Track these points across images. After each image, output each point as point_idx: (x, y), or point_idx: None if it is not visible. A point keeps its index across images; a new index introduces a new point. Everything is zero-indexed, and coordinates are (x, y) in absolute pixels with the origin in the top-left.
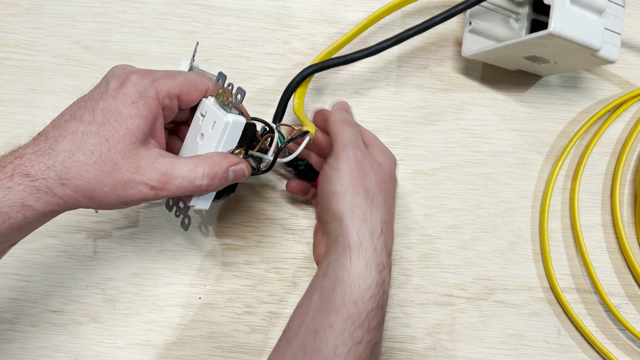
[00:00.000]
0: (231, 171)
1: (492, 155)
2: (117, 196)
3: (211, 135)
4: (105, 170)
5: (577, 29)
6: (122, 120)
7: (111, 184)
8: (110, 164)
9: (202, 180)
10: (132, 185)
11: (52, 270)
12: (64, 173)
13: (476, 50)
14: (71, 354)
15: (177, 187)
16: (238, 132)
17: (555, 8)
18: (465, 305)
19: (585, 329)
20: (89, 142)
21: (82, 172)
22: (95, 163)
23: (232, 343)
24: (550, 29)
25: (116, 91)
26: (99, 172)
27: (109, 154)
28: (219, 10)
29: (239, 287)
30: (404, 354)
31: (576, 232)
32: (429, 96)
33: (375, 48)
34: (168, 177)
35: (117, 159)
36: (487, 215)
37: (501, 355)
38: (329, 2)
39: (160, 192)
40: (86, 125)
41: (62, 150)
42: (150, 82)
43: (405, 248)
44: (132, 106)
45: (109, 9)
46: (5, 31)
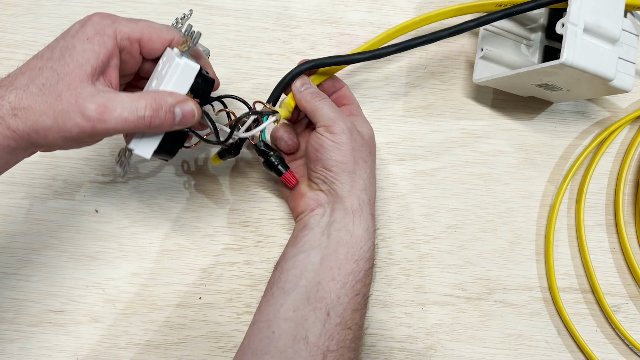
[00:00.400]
0: (178, 108)
1: (492, 155)
2: (58, 129)
3: (163, 78)
4: (50, 101)
5: (590, 59)
6: (75, 55)
7: (52, 115)
8: (55, 95)
9: (145, 112)
10: (70, 115)
11: (52, 270)
12: (16, 103)
13: (488, 77)
14: (71, 354)
15: (117, 118)
16: (190, 78)
17: (568, 38)
18: (465, 305)
19: (577, 332)
20: (43, 76)
21: (31, 102)
22: (43, 94)
23: (232, 343)
24: (563, 59)
25: (76, 31)
26: (44, 103)
27: (56, 86)
28: (219, 10)
29: (239, 287)
30: (404, 354)
31: (580, 232)
32: (429, 96)
33: (375, 53)
34: (106, 107)
35: (62, 90)
36: (487, 215)
37: (501, 355)
38: (329, 2)
39: (97, 124)
40: (44, 61)
41: (20, 84)
42: (110, 23)
43: (405, 248)
44: (86, 42)
45: (109, 9)
46: (5, 31)
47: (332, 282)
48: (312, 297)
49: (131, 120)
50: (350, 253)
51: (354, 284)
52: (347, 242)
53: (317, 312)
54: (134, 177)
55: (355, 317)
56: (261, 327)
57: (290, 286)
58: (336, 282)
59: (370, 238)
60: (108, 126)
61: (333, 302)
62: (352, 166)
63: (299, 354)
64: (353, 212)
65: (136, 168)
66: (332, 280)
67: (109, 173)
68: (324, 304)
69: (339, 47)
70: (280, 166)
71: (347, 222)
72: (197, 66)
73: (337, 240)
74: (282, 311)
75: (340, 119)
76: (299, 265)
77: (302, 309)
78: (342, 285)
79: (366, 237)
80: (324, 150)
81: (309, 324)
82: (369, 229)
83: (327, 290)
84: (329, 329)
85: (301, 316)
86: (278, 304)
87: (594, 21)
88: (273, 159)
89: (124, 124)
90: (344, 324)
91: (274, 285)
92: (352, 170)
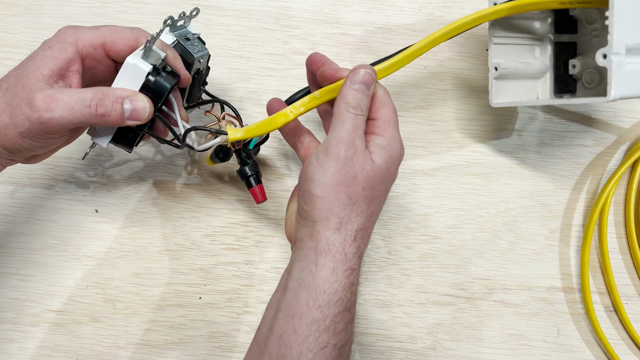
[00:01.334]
0: (128, 102)
1: (492, 155)
2: (13, 125)
3: (117, 77)
4: (7, 100)
5: (636, 84)
6: (35, 60)
7: (9, 112)
8: (12, 94)
9: (91, 101)
10: (21, 108)
11: (52, 270)
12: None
13: (507, 103)
14: (71, 354)
15: (63, 107)
16: (140, 77)
17: (614, 72)
18: (465, 305)
19: (606, 340)
20: (7, 81)
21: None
22: (5, 96)
23: (232, 343)
24: (611, 97)
25: (42, 43)
26: (3, 103)
27: (15, 88)
28: (219, 10)
29: (239, 287)
30: (404, 354)
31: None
32: (429, 96)
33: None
34: (53, 97)
35: (18, 90)
36: (487, 215)
37: (501, 355)
38: (329, 2)
39: (44, 114)
40: (12, 70)
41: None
42: (73, 32)
43: (405, 248)
44: (47, 49)
45: (109, 9)
46: (6, 31)
47: (293, 336)
48: (274, 353)
49: (77, 109)
50: (312, 298)
51: (317, 336)
52: (308, 285)
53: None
54: (134, 177)
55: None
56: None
57: (261, 339)
58: (297, 336)
59: (338, 279)
60: (54, 115)
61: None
62: (330, 204)
63: None
64: (317, 251)
65: (136, 168)
66: (293, 332)
67: (109, 173)
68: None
69: (339, 47)
70: (252, 178)
71: (309, 262)
72: (147, 67)
73: (299, 282)
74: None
75: (344, 145)
76: (270, 313)
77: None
78: (304, 338)
79: (332, 278)
80: (307, 175)
81: None
82: (337, 270)
83: (289, 345)
84: None
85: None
86: (251, 357)
87: (633, 40)
88: (248, 169)
89: (71, 113)
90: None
91: (254, 338)
92: (329, 209)
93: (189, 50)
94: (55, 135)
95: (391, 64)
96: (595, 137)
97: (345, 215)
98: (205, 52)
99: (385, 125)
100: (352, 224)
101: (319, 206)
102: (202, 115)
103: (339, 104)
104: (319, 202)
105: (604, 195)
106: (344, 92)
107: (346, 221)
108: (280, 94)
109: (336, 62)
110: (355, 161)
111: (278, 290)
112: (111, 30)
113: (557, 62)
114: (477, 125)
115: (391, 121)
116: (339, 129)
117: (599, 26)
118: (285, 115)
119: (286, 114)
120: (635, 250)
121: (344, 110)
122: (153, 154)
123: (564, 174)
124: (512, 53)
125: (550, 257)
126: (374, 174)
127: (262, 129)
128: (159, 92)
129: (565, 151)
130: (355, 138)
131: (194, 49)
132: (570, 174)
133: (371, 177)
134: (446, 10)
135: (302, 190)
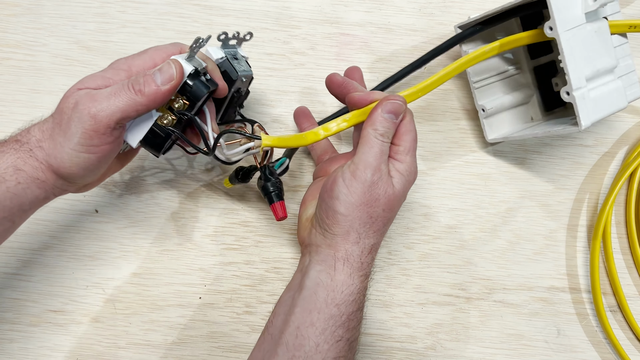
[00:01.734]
0: (157, 71)
1: (492, 155)
2: (66, 139)
3: None
4: (57, 121)
5: (603, 106)
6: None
7: (62, 130)
8: (61, 116)
9: (127, 83)
10: (71, 119)
11: (52, 270)
12: (39, 136)
13: (502, 137)
14: (71, 354)
15: (107, 96)
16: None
17: (579, 105)
18: (465, 305)
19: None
20: (63, 118)
21: (47, 135)
22: (54, 119)
23: (232, 343)
24: (582, 127)
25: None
26: (55, 126)
27: (68, 112)
28: (219, 10)
29: (239, 287)
30: (404, 354)
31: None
32: (429, 96)
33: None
34: (95, 93)
35: (72, 118)
36: (487, 215)
37: (501, 355)
38: (329, 2)
39: (91, 107)
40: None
41: (47, 128)
42: (125, 61)
43: (405, 248)
44: (100, 78)
45: (109, 9)
46: (6, 31)
47: (311, 328)
48: (290, 343)
49: (118, 93)
50: (330, 297)
51: (334, 330)
52: (327, 285)
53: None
54: (134, 177)
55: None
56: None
57: (276, 332)
58: (315, 328)
59: (354, 283)
60: (101, 105)
61: (311, 350)
62: (351, 221)
63: None
64: (336, 259)
65: (136, 168)
66: (311, 325)
67: None
68: (302, 352)
69: (339, 47)
70: (273, 194)
71: (328, 266)
72: (189, 68)
73: (317, 282)
74: (267, 357)
75: (371, 170)
76: (284, 308)
77: (281, 356)
78: (321, 331)
79: (349, 282)
80: (332, 192)
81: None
82: (353, 275)
83: (306, 336)
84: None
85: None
86: (264, 349)
87: (591, 70)
88: (270, 185)
89: (115, 98)
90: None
91: (266, 330)
92: (350, 225)
93: (234, 67)
94: (106, 137)
95: (419, 89)
96: (596, 137)
97: (364, 232)
98: (250, 72)
99: (406, 152)
100: (368, 239)
101: (341, 223)
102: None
103: (368, 129)
104: (342, 219)
105: (611, 198)
106: (373, 118)
107: (364, 237)
108: (280, 94)
109: (336, 62)
110: (379, 185)
111: (291, 288)
112: (157, 50)
113: (540, 85)
114: (477, 125)
115: (412, 149)
116: (367, 153)
117: None
118: (317, 134)
119: (317, 133)
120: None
121: (372, 137)
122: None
123: (564, 174)
124: (497, 90)
125: (550, 257)
126: (394, 197)
127: (293, 142)
128: (196, 95)
129: (565, 151)
130: (381, 163)
131: (239, 67)
132: (570, 174)
133: (391, 201)
134: (446, 10)
135: (325, 205)
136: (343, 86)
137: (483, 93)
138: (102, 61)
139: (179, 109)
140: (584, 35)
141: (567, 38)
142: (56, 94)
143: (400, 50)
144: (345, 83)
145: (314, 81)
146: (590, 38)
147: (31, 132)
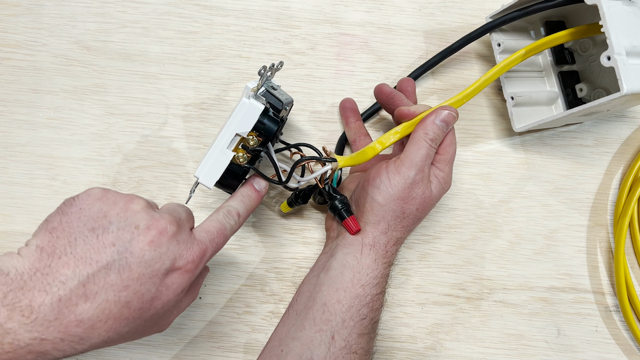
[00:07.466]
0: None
1: (492, 155)
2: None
3: (231, 117)
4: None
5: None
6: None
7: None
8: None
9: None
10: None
11: None
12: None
13: (530, 125)
14: None
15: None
16: (254, 117)
17: (620, 68)
18: (465, 305)
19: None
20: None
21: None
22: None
23: (232, 343)
24: (624, 91)
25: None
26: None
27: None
28: (219, 11)
29: (239, 287)
30: (404, 354)
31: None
32: (429, 96)
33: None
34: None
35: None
36: (487, 215)
37: (501, 355)
38: (329, 2)
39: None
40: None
41: None
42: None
43: (405, 248)
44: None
45: (109, 9)
46: (6, 31)
47: (337, 305)
48: (317, 318)
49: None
50: (356, 278)
51: (359, 308)
52: (353, 267)
53: (322, 334)
54: (134, 177)
55: (361, 341)
56: (273, 345)
57: (301, 308)
58: (342, 305)
59: (378, 267)
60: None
61: (338, 325)
62: (385, 212)
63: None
64: (364, 244)
65: (136, 168)
66: (337, 302)
67: (109, 173)
68: (329, 327)
69: (339, 47)
70: (343, 211)
71: (355, 250)
72: (261, 107)
73: (344, 263)
74: (292, 331)
75: (415, 169)
76: (309, 287)
77: (308, 330)
78: (347, 308)
79: (373, 266)
80: (375, 182)
81: (314, 346)
82: (378, 261)
83: (333, 312)
84: (334, 352)
85: (307, 337)
86: (290, 324)
87: (629, 43)
88: (338, 203)
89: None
90: (348, 348)
91: (290, 308)
92: (383, 215)
93: (278, 98)
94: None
95: (464, 95)
96: (596, 137)
97: (394, 224)
98: (291, 99)
99: (447, 162)
100: (396, 232)
101: (376, 211)
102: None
103: (419, 132)
104: (377, 208)
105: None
106: (427, 123)
107: (392, 229)
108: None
109: (336, 62)
110: (419, 185)
111: (316, 269)
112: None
113: (565, 89)
114: (477, 125)
115: (451, 160)
116: (415, 153)
117: (593, 52)
118: (374, 148)
119: (375, 148)
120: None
121: (422, 140)
122: (153, 154)
123: (564, 174)
124: (523, 84)
125: (551, 257)
126: (429, 200)
127: (358, 159)
128: (269, 132)
129: (565, 151)
130: (425, 166)
131: (282, 97)
132: (570, 174)
133: (426, 202)
134: (446, 10)
135: (364, 192)
136: (390, 97)
137: (511, 83)
138: (102, 61)
139: (253, 146)
140: (623, 11)
141: (609, 6)
142: (56, 94)
143: (400, 50)
144: (393, 94)
145: (314, 81)
146: (628, 16)
147: None
